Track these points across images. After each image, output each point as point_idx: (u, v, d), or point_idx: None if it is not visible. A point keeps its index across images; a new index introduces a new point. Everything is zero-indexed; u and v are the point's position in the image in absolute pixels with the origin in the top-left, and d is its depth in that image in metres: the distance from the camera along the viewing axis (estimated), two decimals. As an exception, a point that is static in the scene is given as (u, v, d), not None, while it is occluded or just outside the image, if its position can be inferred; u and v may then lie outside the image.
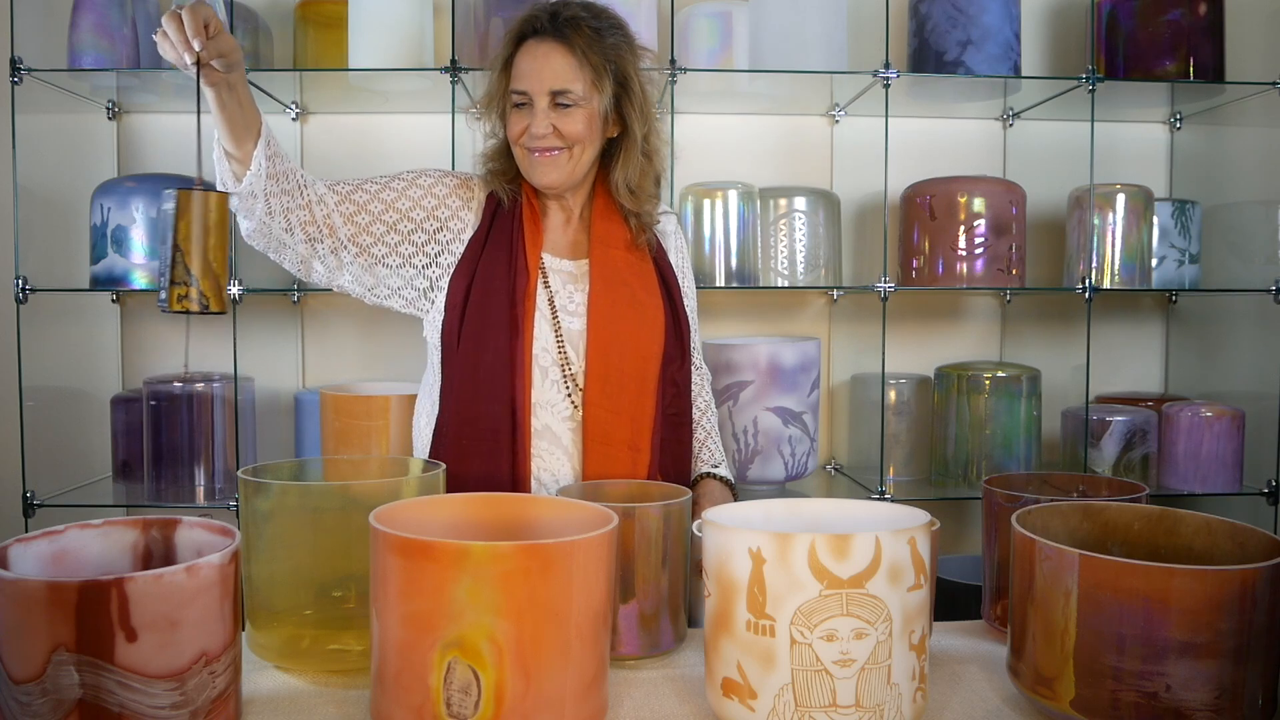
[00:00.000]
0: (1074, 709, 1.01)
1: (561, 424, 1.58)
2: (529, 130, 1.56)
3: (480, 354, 1.56)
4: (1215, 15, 2.41)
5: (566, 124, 1.56)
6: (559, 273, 1.64)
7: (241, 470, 1.23)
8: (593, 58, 1.55)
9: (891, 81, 2.32)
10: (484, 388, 1.56)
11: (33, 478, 2.27)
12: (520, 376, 1.55)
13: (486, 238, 1.62)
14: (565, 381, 1.59)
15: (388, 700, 0.98)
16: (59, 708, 0.88)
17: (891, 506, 1.13)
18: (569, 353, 1.59)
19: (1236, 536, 1.12)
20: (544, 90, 1.55)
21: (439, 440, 1.61)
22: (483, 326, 1.57)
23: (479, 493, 1.19)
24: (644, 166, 1.65)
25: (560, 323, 1.60)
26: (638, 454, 1.58)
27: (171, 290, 1.26)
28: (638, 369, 1.60)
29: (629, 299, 1.62)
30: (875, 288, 2.37)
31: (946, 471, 2.50)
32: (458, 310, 1.58)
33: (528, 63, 1.56)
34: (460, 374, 1.58)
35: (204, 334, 2.60)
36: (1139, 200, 2.48)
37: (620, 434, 1.57)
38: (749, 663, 0.98)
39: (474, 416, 1.56)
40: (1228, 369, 2.63)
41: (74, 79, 2.32)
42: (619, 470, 1.57)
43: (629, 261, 1.65)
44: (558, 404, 1.58)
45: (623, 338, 1.59)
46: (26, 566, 1.00)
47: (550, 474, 1.58)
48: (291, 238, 1.54)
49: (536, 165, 1.59)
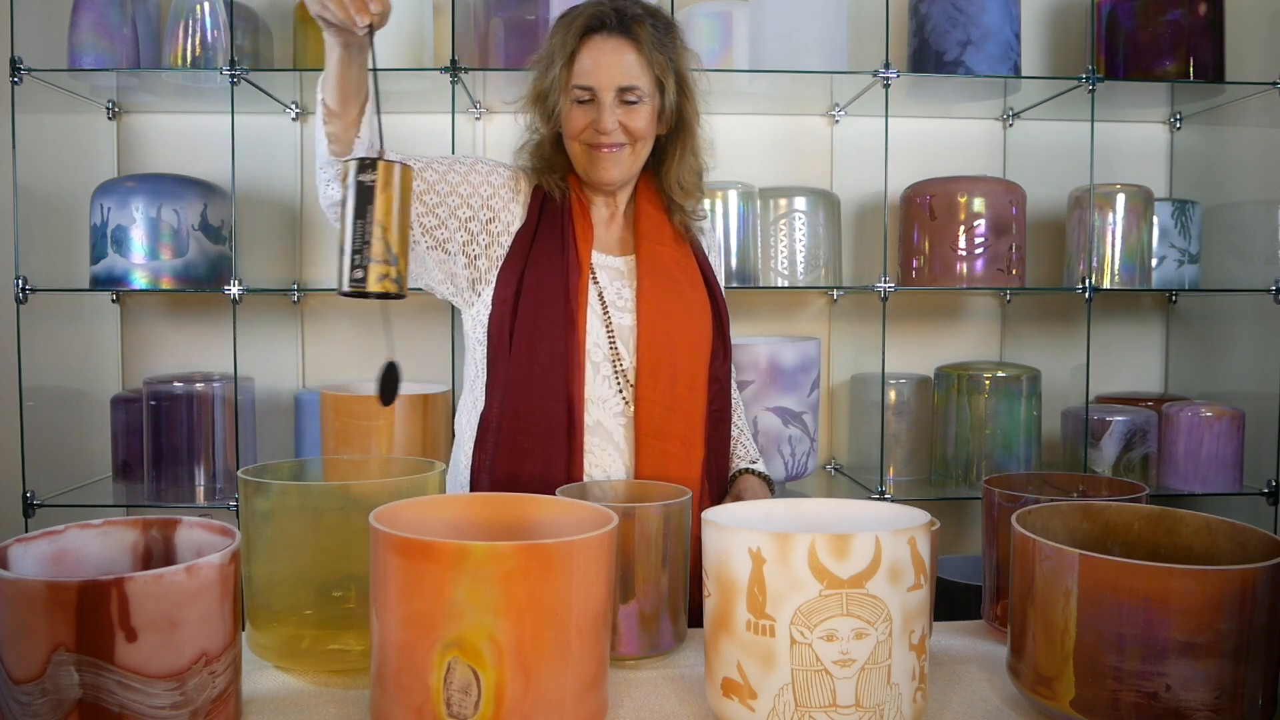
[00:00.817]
0: (1074, 709, 1.01)
1: (613, 420, 1.58)
2: (594, 126, 1.55)
3: (535, 350, 1.55)
4: (1215, 15, 2.41)
5: (632, 120, 1.56)
6: (606, 269, 1.63)
7: (241, 470, 1.23)
8: (656, 56, 1.56)
9: (891, 81, 2.32)
10: (539, 384, 1.54)
11: (33, 478, 2.27)
12: (576, 372, 1.54)
13: (535, 232, 1.60)
14: (616, 377, 1.59)
15: (388, 700, 0.98)
16: (59, 708, 0.88)
17: (891, 506, 1.13)
18: (620, 349, 1.59)
19: (1236, 536, 1.12)
20: (612, 86, 1.54)
21: (485, 436, 1.59)
22: (537, 322, 1.55)
23: (479, 493, 1.19)
24: (693, 163, 1.67)
25: (611, 318, 1.60)
26: (691, 449, 1.58)
27: (371, 269, 1.13)
28: (688, 364, 1.60)
29: (677, 295, 1.62)
30: (875, 288, 2.37)
31: (946, 471, 2.50)
32: (509, 305, 1.57)
33: (594, 58, 1.55)
34: (514, 370, 1.56)
35: (204, 334, 2.60)
36: (1139, 200, 2.48)
37: (674, 429, 1.57)
38: (749, 663, 0.98)
39: (529, 412, 1.55)
40: (1228, 369, 2.63)
41: (74, 79, 2.32)
42: (673, 466, 1.56)
43: (675, 258, 1.65)
44: (609, 400, 1.58)
45: (673, 333, 1.59)
46: (26, 566, 1.00)
47: (602, 470, 1.57)
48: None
49: (599, 161, 1.58)
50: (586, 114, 1.56)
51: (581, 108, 1.57)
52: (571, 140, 1.60)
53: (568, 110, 1.58)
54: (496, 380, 1.59)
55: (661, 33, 1.59)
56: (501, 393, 1.57)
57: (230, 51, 2.26)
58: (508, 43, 2.35)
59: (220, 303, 2.41)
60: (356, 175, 1.14)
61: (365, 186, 1.14)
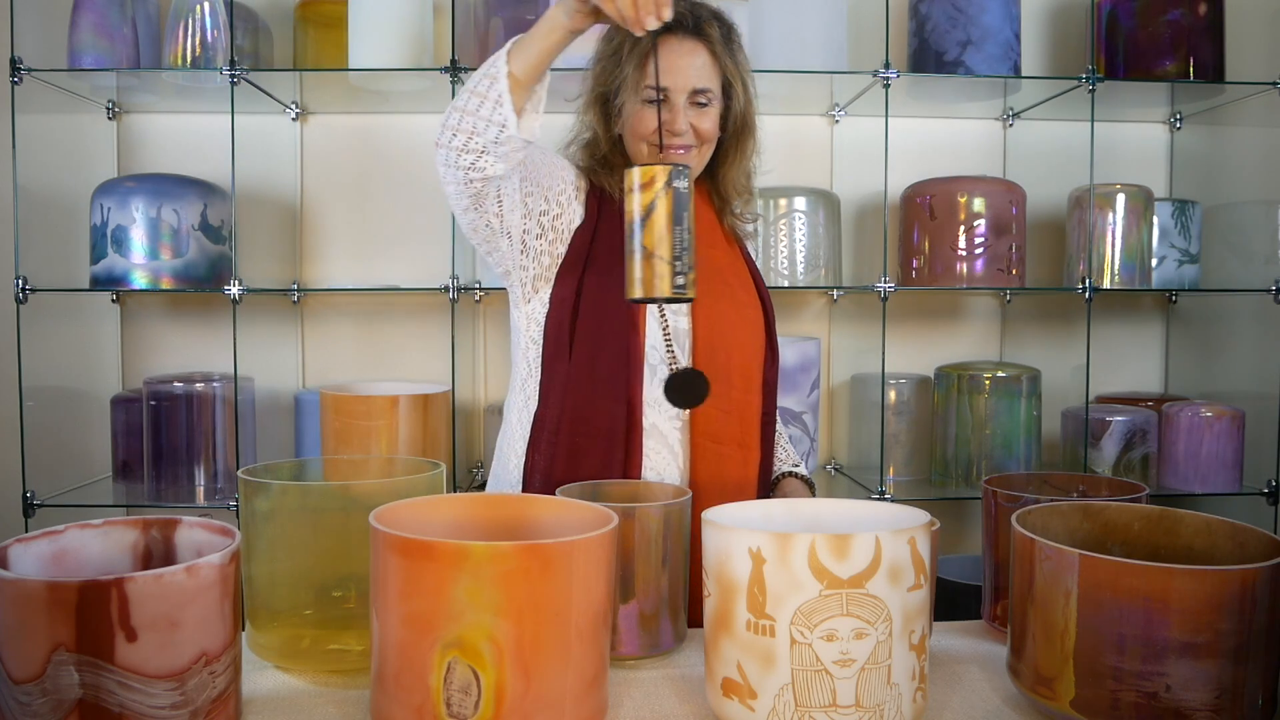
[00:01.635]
0: (1074, 709, 1.01)
1: (668, 423, 1.57)
2: (666, 127, 1.54)
3: (597, 352, 1.54)
4: (1215, 15, 2.41)
5: (702, 122, 1.56)
6: None
7: (241, 470, 1.23)
8: (726, 59, 1.57)
9: (891, 81, 2.32)
10: (600, 386, 1.53)
11: (33, 478, 2.27)
12: (636, 375, 1.53)
13: (594, 233, 1.58)
14: None
15: (388, 700, 0.98)
16: (59, 708, 0.88)
17: (891, 506, 1.13)
18: (676, 351, 1.57)
19: (1236, 536, 1.12)
20: (687, 88, 1.54)
21: (540, 435, 1.57)
22: (599, 324, 1.54)
23: (479, 493, 1.19)
24: (747, 166, 1.68)
25: (667, 321, 1.59)
26: (748, 452, 1.58)
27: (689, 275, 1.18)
28: (743, 367, 1.60)
29: (730, 298, 1.62)
30: (875, 288, 2.37)
31: (946, 471, 2.50)
32: (569, 305, 1.55)
33: (669, 59, 1.53)
34: (575, 371, 1.54)
35: (204, 334, 2.60)
36: (1139, 200, 2.48)
37: (730, 432, 1.57)
38: (749, 663, 0.98)
39: (589, 414, 1.53)
40: (1228, 369, 2.63)
41: (74, 79, 2.32)
42: (731, 469, 1.56)
43: (727, 261, 1.66)
44: (664, 403, 1.55)
45: (728, 336, 1.59)
46: (26, 566, 1.00)
47: (656, 474, 1.56)
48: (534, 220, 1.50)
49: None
50: (656, 114, 1.53)
51: (652, 108, 1.54)
52: (639, 140, 1.57)
53: (636, 110, 1.55)
54: (555, 380, 1.56)
55: (728, 35, 1.59)
56: (561, 393, 1.55)
57: (230, 51, 2.26)
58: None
59: (220, 303, 2.41)
60: (672, 182, 1.15)
61: (682, 193, 1.15)
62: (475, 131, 1.37)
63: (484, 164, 1.39)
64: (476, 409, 2.64)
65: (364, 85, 2.39)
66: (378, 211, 2.63)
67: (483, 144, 1.38)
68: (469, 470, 2.58)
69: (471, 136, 1.37)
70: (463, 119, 1.37)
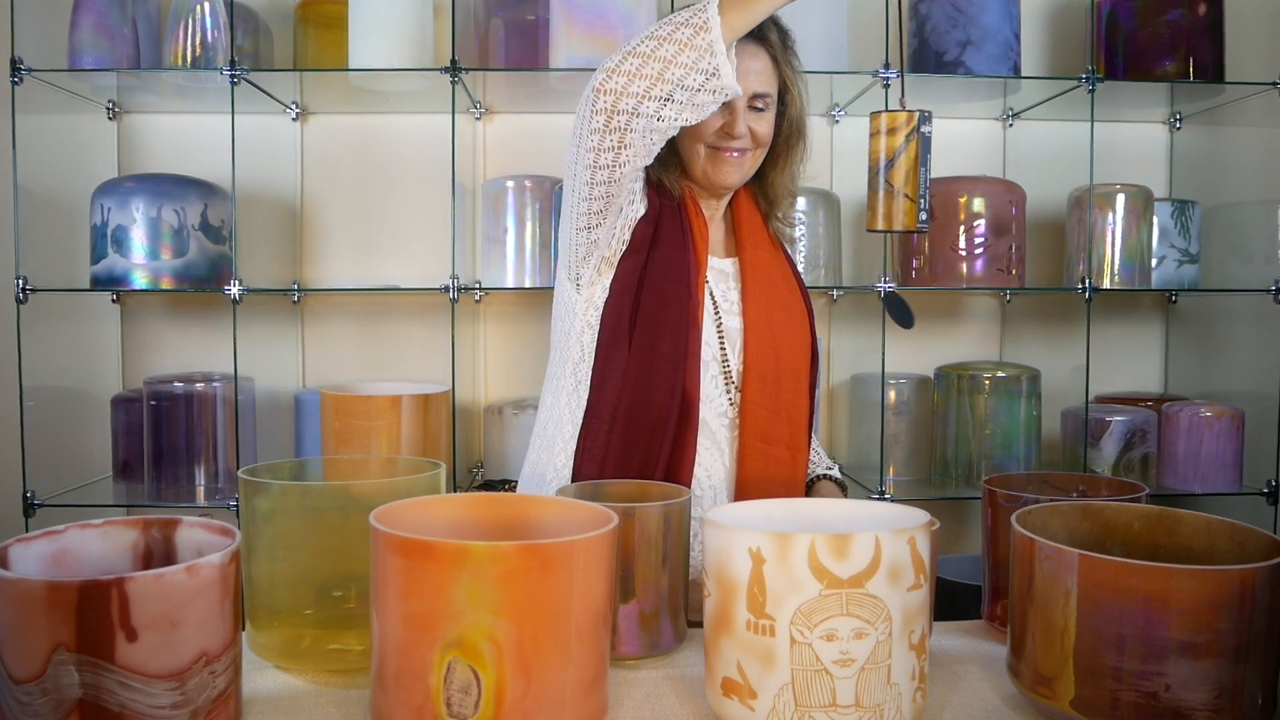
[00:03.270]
0: (1074, 709, 1.01)
1: (718, 420, 1.58)
2: (725, 130, 1.54)
3: (656, 342, 1.53)
4: (1215, 15, 2.41)
5: (760, 126, 1.57)
6: (713, 270, 1.63)
7: (241, 470, 1.23)
8: (783, 65, 1.58)
9: (891, 81, 2.32)
10: (659, 377, 1.52)
11: (33, 478, 2.27)
12: (693, 369, 1.53)
13: (656, 226, 1.58)
14: (723, 378, 1.58)
15: (388, 700, 0.98)
16: (59, 708, 0.88)
17: (891, 506, 1.13)
18: (727, 350, 1.59)
19: (1236, 536, 1.12)
20: (748, 92, 1.53)
21: (594, 424, 1.55)
22: (661, 314, 1.53)
23: (479, 493, 1.19)
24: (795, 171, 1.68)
25: (721, 320, 1.60)
26: (797, 453, 1.59)
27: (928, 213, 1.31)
28: (792, 368, 1.60)
29: (779, 299, 1.63)
30: (875, 288, 2.37)
31: (946, 471, 2.50)
32: (630, 294, 1.54)
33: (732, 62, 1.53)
34: (634, 361, 1.53)
35: (204, 334, 2.60)
36: (1139, 200, 2.48)
37: (780, 433, 1.57)
38: (749, 662, 0.98)
39: (644, 405, 1.52)
40: (1228, 369, 2.63)
41: (74, 79, 2.32)
42: (779, 470, 1.56)
43: (774, 262, 1.66)
44: (715, 400, 1.57)
45: (777, 337, 1.60)
46: (27, 566, 1.00)
47: (704, 469, 1.56)
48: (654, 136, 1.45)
49: (724, 164, 1.57)
50: (717, 116, 1.53)
51: None
52: (696, 141, 1.57)
53: None
54: (611, 368, 1.55)
55: (785, 40, 1.59)
56: (618, 382, 1.54)
57: (230, 51, 2.26)
58: (508, 43, 2.35)
59: (220, 303, 2.41)
60: (920, 127, 1.27)
61: (927, 137, 1.27)
62: (668, 78, 1.32)
63: (670, 112, 1.35)
64: (476, 409, 2.64)
65: (364, 85, 2.39)
66: (378, 211, 2.64)
67: (668, 91, 1.33)
68: (469, 470, 2.58)
69: (658, 82, 1.32)
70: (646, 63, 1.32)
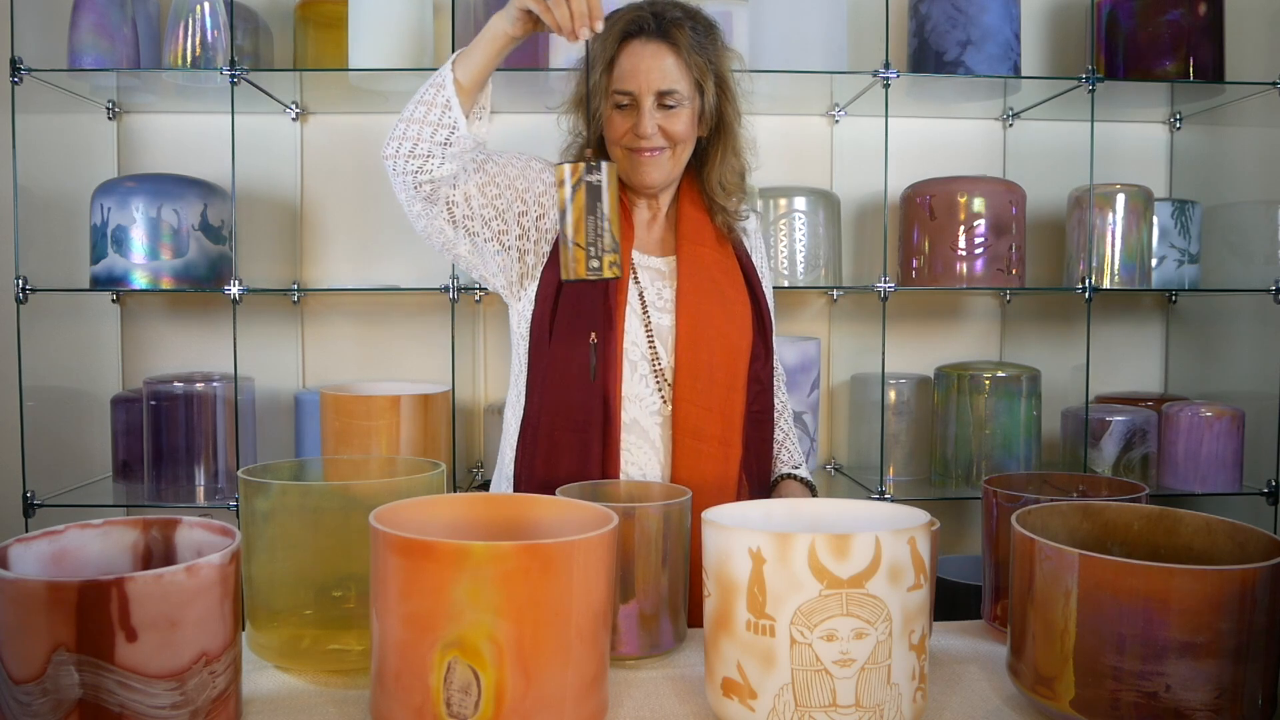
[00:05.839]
0: (1074, 709, 1.01)
1: (650, 419, 1.59)
2: (635, 131, 1.56)
3: (574, 347, 1.56)
4: (1215, 15, 2.41)
5: (672, 124, 1.57)
6: (648, 269, 1.64)
7: (241, 470, 1.23)
8: (695, 59, 1.57)
9: (891, 81, 2.32)
10: (577, 381, 1.56)
11: (33, 478, 2.27)
12: (613, 370, 1.56)
13: None
14: (655, 377, 1.60)
15: (388, 700, 0.98)
16: (59, 708, 0.88)
17: (891, 506, 1.13)
18: (658, 348, 1.60)
19: (1236, 536, 1.12)
20: (651, 90, 1.55)
21: (526, 432, 1.61)
22: (576, 319, 1.57)
23: (479, 493, 1.19)
24: (734, 164, 1.68)
25: (650, 318, 1.61)
26: (729, 449, 1.59)
27: (605, 259, 1.31)
28: (727, 365, 1.61)
29: (717, 295, 1.63)
30: (875, 288, 2.37)
31: (946, 471, 2.50)
32: (549, 302, 1.58)
33: (633, 63, 1.56)
34: (554, 366, 1.58)
35: (204, 334, 2.60)
36: (1139, 200, 2.48)
37: (711, 429, 1.58)
38: (749, 663, 0.98)
39: (567, 408, 1.56)
40: (1228, 369, 2.63)
41: (74, 79, 2.32)
42: (710, 467, 1.57)
43: (716, 259, 1.66)
44: (646, 398, 1.59)
45: (711, 334, 1.60)
46: (26, 566, 1.00)
47: (638, 469, 1.58)
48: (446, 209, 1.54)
49: (642, 165, 1.59)
50: (627, 118, 1.57)
51: (621, 112, 1.58)
52: (613, 145, 1.60)
53: (608, 115, 1.59)
54: (537, 376, 1.60)
55: (701, 35, 1.59)
56: (541, 389, 1.59)
57: (230, 51, 2.26)
58: (508, 43, 2.34)
59: (220, 303, 2.41)
60: (585, 176, 1.30)
61: (594, 186, 1.30)
62: (422, 138, 1.47)
63: (431, 166, 1.48)
64: (476, 409, 2.64)
65: (364, 85, 2.39)
66: (378, 211, 2.63)
67: (429, 148, 1.47)
68: (469, 470, 2.58)
69: (418, 143, 1.47)
70: (408, 127, 1.47)
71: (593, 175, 1.29)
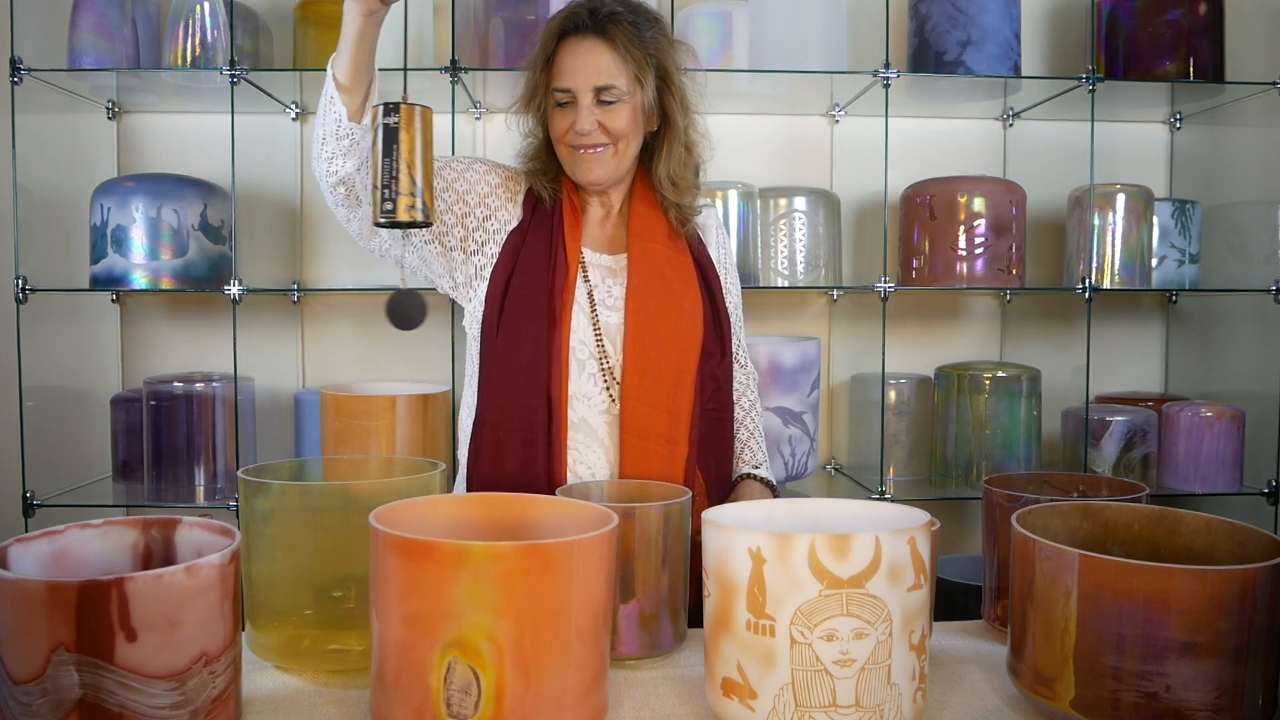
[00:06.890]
0: (1074, 709, 1.01)
1: (598, 417, 1.58)
2: (574, 128, 1.56)
3: (519, 345, 1.57)
4: (1215, 15, 2.41)
5: (611, 120, 1.57)
6: (598, 267, 1.64)
7: (241, 470, 1.23)
8: (634, 52, 1.56)
9: (891, 81, 2.32)
10: (521, 379, 1.56)
11: (33, 478, 2.27)
12: (557, 368, 1.55)
13: (527, 232, 1.62)
14: (603, 375, 1.59)
15: (388, 700, 0.98)
16: (59, 708, 0.88)
17: (891, 506, 1.13)
18: (607, 347, 1.60)
19: (1236, 536, 1.12)
20: (588, 87, 1.55)
21: (477, 431, 1.61)
22: (521, 318, 1.57)
23: (479, 493, 1.19)
24: (685, 159, 1.66)
25: (598, 316, 1.60)
26: (675, 448, 1.58)
27: (400, 201, 1.26)
28: (675, 363, 1.60)
29: (667, 293, 1.62)
30: (875, 288, 2.37)
31: (946, 471, 2.50)
32: (497, 302, 1.59)
33: (570, 60, 1.56)
34: (499, 365, 1.58)
35: (204, 334, 2.60)
36: (1139, 200, 2.48)
37: (657, 428, 1.57)
38: (749, 663, 0.98)
39: (511, 407, 1.56)
40: (1228, 369, 2.63)
41: (74, 79, 2.32)
42: (655, 465, 1.56)
43: (667, 255, 1.65)
44: (594, 397, 1.58)
45: (660, 331, 1.59)
46: (26, 566, 1.00)
47: (587, 467, 1.58)
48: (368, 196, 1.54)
49: (582, 162, 1.59)
50: (567, 116, 1.57)
51: (562, 110, 1.58)
52: (557, 143, 1.61)
53: (551, 113, 1.60)
54: (484, 375, 1.61)
55: (643, 29, 1.58)
56: (487, 389, 1.60)
57: (230, 51, 2.26)
58: (508, 43, 2.35)
59: (220, 303, 2.41)
60: (382, 119, 1.27)
61: (390, 128, 1.28)
62: (324, 138, 1.48)
63: (336, 166, 1.49)
64: (476, 409, 2.64)
65: (364, 85, 2.39)
66: (378, 211, 2.63)
67: (332, 149, 1.48)
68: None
69: (323, 144, 1.48)
70: (316, 135, 1.50)
71: (390, 117, 1.28)
